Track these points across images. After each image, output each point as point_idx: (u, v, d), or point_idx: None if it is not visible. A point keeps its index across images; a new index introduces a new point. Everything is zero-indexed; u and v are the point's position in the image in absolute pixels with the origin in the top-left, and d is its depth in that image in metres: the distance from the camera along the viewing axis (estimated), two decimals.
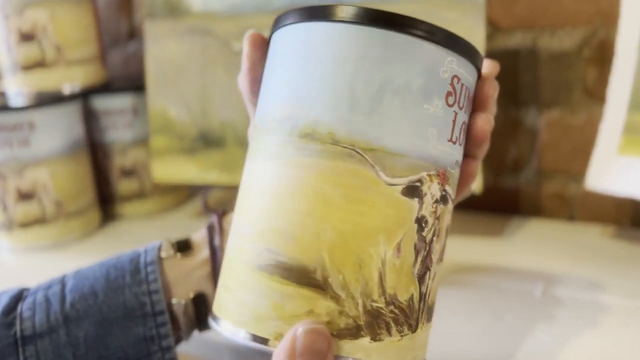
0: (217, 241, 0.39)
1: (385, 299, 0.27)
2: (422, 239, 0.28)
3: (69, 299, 0.36)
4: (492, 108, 0.32)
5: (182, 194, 0.82)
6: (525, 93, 0.67)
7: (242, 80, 0.33)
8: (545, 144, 0.68)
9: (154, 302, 0.36)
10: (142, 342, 0.35)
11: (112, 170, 0.76)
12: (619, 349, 0.41)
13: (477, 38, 0.54)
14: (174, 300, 0.37)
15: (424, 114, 0.27)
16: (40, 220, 0.68)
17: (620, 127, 0.54)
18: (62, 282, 0.37)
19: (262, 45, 0.32)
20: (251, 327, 0.27)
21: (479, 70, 0.31)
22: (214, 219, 0.40)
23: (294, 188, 0.27)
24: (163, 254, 0.38)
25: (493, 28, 0.67)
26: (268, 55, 0.31)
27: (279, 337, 0.26)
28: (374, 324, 0.27)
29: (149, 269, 0.37)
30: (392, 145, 0.27)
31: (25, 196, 0.67)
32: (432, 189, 0.28)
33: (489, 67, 0.33)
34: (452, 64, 0.28)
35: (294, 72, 0.28)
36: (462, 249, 0.60)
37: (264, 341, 0.26)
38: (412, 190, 0.27)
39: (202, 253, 0.39)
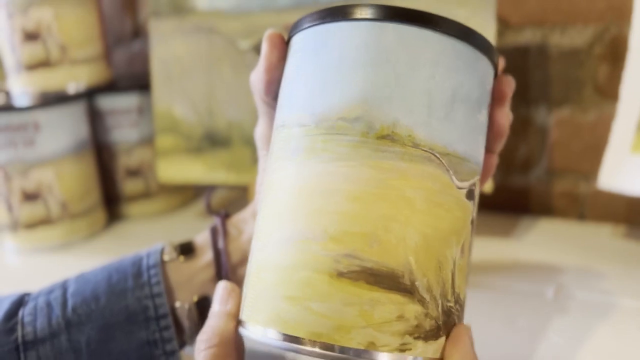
0: (220, 244, 0.38)
1: (454, 298, 0.28)
2: (472, 239, 0.30)
3: (70, 303, 0.35)
4: (509, 102, 0.32)
5: (188, 194, 0.82)
6: (535, 91, 0.67)
7: (257, 80, 0.33)
8: (555, 142, 0.67)
9: (156, 305, 0.35)
10: (145, 346, 0.35)
11: (118, 170, 0.76)
12: (633, 351, 0.41)
13: (487, 35, 0.53)
14: (177, 304, 0.36)
15: (477, 123, 0.29)
16: (45, 221, 0.68)
17: (633, 125, 0.53)
18: (64, 286, 0.37)
19: (281, 46, 0.32)
20: (335, 337, 0.26)
21: (497, 68, 0.31)
22: (217, 221, 0.39)
23: (375, 191, 0.26)
24: (166, 257, 0.38)
25: (503, 25, 0.67)
26: (312, 50, 0.29)
27: (372, 345, 0.26)
28: (447, 322, 0.28)
29: (152, 272, 0.37)
30: (461, 150, 0.28)
31: (30, 197, 0.66)
32: (477, 192, 0.30)
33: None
34: (492, 76, 0.31)
35: (364, 71, 0.27)
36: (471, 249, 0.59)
37: (359, 352, 0.26)
38: (471, 194, 0.29)
39: (206, 256, 0.38)
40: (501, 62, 0.34)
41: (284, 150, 0.28)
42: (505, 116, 0.32)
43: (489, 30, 0.53)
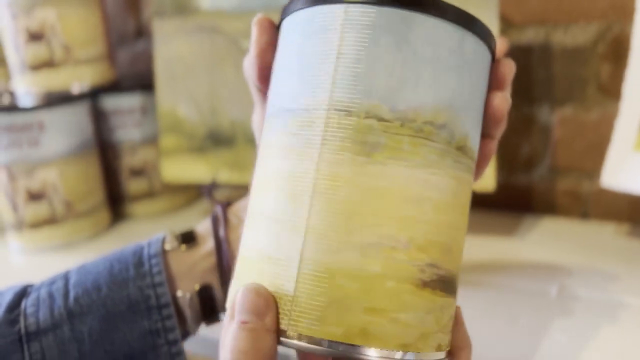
0: (222, 232, 0.38)
1: None
2: None
3: (72, 294, 0.35)
4: (509, 87, 0.32)
5: (192, 193, 0.82)
6: (538, 89, 0.67)
7: (250, 66, 0.32)
8: (558, 141, 0.67)
9: (158, 294, 0.35)
10: (147, 336, 0.35)
11: (122, 170, 0.76)
12: (637, 350, 0.41)
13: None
14: (179, 293, 0.36)
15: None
16: (50, 221, 0.68)
17: (636, 123, 0.53)
18: (66, 277, 0.37)
19: (271, 31, 0.31)
20: (419, 346, 0.26)
21: (492, 51, 0.30)
22: (218, 209, 0.39)
23: (452, 202, 0.27)
24: (167, 247, 0.38)
25: (505, 23, 0.66)
26: (394, 37, 0.26)
27: (440, 347, 0.27)
28: None
29: (153, 261, 0.36)
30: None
31: (35, 196, 0.67)
32: None
33: (500, 45, 0.34)
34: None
35: (452, 76, 0.27)
36: (474, 248, 0.59)
37: (435, 356, 0.27)
38: None
39: (207, 245, 0.38)
40: (504, 44, 0.34)
41: (348, 140, 0.25)
42: (504, 100, 0.30)
43: (492, 29, 0.53)
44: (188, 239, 0.38)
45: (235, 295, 0.25)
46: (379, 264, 0.25)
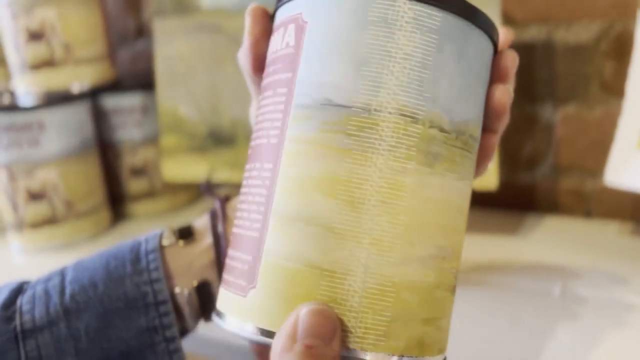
0: (220, 228, 0.37)
1: None
2: None
3: (68, 290, 0.35)
4: (512, 80, 0.31)
5: (193, 192, 0.82)
6: (540, 88, 0.66)
7: (244, 57, 0.32)
8: (561, 139, 0.67)
9: (155, 291, 0.35)
10: (145, 333, 0.34)
11: (122, 170, 0.76)
12: None
13: None
14: (177, 290, 0.36)
15: None
16: (50, 221, 0.68)
17: (639, 121, 0.52)
18: (62, 273, 0.36)
19: (265, 20, 0.31)
20: (444, 348, 0.27)
21: (495, 44, 0.30)
22: (216, 204, 0.39)
23: (467, 209, 0.28)
24: (165, 242, 0.37)
25: (507, 21, 0.66)
26: (455, 46, 0.26)
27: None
28: None
29: (150, 257, 0.36)
30: None
31: (35, 196, 0.67)
32: None
33: (505, 36, 0.33)
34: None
35: (484, 90, 0.29)
36: (476, 247, 0.59)
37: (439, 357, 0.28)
38: None
39: (205, 240, 0.37)
40: (508, 35, 0.33)
41: (415, 149, 0.25)
42: (506, 92, 0.30)
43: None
44: (186, 234, 0.37)
45: (296, 315, 0.23)
46: (433, 275, 0.25)
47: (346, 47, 0.25)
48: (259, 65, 0.31)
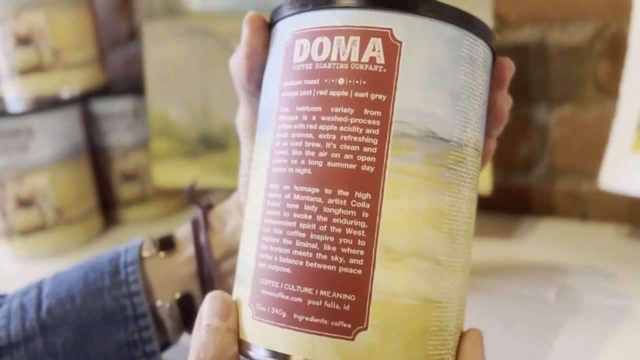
0: (202, 238, 0.36)
1: None
2: None
3: (45, 305, 0.34)
4: (508, 86, 0.31)
5: (185, 198, 0.81)
6: (535, 89, 0.66)
7: (238, 67, 0.30)
8: (556, 141, 0.66)
9: (135, 304, 0.34)
10: (124, 348, 0.34)
11: (113, 175, 0.75)
12: (639, 355, 0.40)
13: None
14: (158, 303, 0.35)
15: None
16: (40, 228, 0.67)
17: (634, 123, 0.52)
18: (39, 287, 0.35)
19: (265, 30, 0.29)
20: None
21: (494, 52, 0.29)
22: (198, 213, 0.38)
23: None
24: (145, 253, 0.36)
25: (501, 22, 0.66)
26: (486, 68, 0.28)
27: None
28: None
29: (129, 269, 0.35)
30: None
31: (24, 203, 0.66)
32: None
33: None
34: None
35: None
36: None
37: None
38: None
39: (187, 251, 0.36)
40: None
41: (477, 179, 0.28)
42: (507, 100, 0.30)
43: None
44: (167, 245, 0.37)
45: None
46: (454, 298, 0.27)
47: (445, 79, 0.25)
48: (254, 76, 0.30)
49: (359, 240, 0.24)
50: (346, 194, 0.24)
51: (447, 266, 0.25)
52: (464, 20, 0.26)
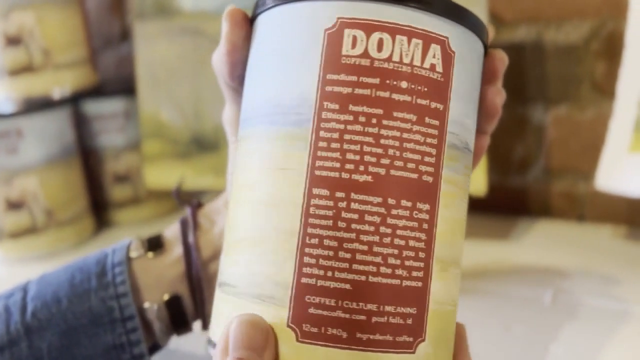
0: (191, 238, 0.35)
1: None
2: None
3: (30, 307, 0.33)
4: (501, 80, 0.30)
5: None
6: (531, 89, 0.65)
7: (220, 63, 0.29)
8: (553, 141, 0.66)
9: (122, 306, 0.33)
10: (111, 351, 0.33)
11: (105, 176, 0.74)
12: (637, 358, 0.40)
13: None
14: (146, 305, 0.34)
15: None
16: (30, 230, 0.66)
17: (630, 123, 0.52)
18: (25, 289, 0.34)
19: (244, 24, 0.28)
20: None
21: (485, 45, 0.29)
22: (187, 211, 0.37)
23: None
24: (133, 254, 0.35)
25: (496, 21, 0.65)
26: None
27: None
28: None
29: (117, 270, 0.34)
30: None
31: (14, 205, 0.65)
32: None
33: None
34: None
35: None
36: (466, 252, 0.57)
37: None
38: None
39: (175, 251, 0.35)
40: (491, 32, 0.31)
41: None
42: (500, 94, 0.29)
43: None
44: (155, 245, 0.36)
45: (228, 328, 0.23)
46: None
47: (476, 92, 0.27)
48: (237, 71, 0.29)
49: (419, 252, 0.24)
50: (409, 204, 0.24)
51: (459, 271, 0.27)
52: (482, 29, 0.27)
